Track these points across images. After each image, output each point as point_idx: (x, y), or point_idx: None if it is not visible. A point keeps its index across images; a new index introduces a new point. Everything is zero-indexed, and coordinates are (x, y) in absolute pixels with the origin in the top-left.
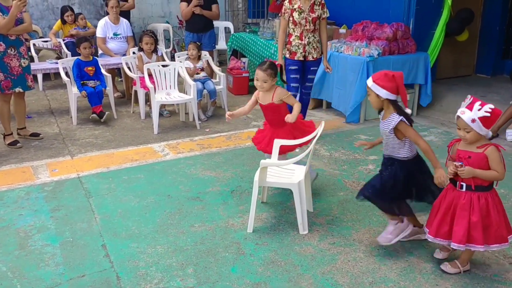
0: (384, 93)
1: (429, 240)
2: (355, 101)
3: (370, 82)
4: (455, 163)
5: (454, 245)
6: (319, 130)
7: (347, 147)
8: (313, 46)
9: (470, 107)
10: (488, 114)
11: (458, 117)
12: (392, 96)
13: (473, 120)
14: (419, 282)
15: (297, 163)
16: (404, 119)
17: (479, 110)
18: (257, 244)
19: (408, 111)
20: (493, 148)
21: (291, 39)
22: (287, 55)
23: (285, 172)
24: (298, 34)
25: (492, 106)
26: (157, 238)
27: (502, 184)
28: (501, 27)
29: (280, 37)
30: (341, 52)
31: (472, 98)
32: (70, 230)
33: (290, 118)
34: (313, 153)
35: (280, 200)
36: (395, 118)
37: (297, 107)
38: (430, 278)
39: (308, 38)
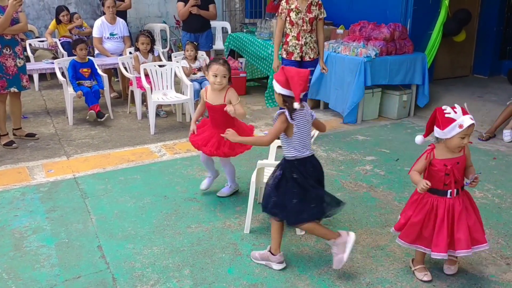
0: (277, 88)
1: (438, 258)
2: (352, 102)
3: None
4: (475, 175)
5: (462, 253)
6: (315, 132)
7: (344, 147)
8: (310, 47)
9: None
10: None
11: (472, 124)
12: (283, 91)
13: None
14: (416, 283)
15: None
16: (286, 113)
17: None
18: (254, 245)
19: (296, 105)
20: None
21: (288, 39)
22: (284, 55)
23: None
24: (295, 35)
25: None
26: (154, 239)
27: (499, 185)
28: (498, 27)
29: (277, 37)
30: (338, 53)
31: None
32: (65, 231)
33: (237, 109)
34: None
35: None
36: (279, 111)
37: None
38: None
39: (305, 39)
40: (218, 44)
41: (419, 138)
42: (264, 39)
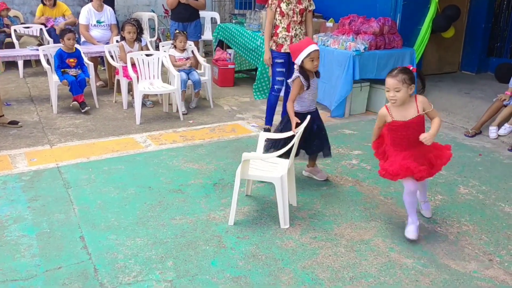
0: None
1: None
2: (340, 96)
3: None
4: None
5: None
6: (303, 125)
7: (331, 141)
8: (300, 39)
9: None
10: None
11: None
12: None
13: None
14: (399, 278)
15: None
16: (301, 77)
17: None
18: (238, 237)
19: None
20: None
21: (277, 31)
22: (273, 47)
23: (269, 166)
24: (285, 26)
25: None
26: (137, 230)
27: (484, 181)
28: (487, 24)
29: (267, 28)
30: (327, 46)
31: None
32: (47, 221)
33: (428, 137)
34: (297, 146)
35: (264, 193)
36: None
37: (438, 122)
38: (411, 273)
39: (295, 30)
40: (207, 35)
41: None
42: (253, 30)
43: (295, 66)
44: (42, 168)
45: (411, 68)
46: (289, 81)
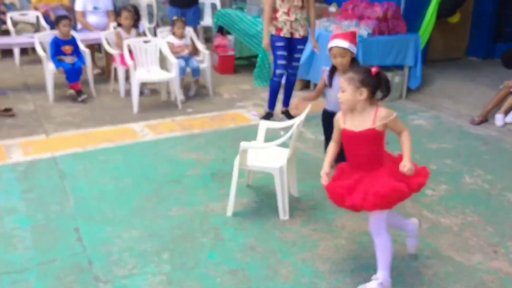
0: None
1: None
2: None
3: (346, 43)
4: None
5: None
6: (303, 114)
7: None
8: (300, 24)
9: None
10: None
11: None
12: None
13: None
14: (401, 270)
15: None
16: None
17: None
18: (237, 229)
19: None
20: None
21: (277, 15)
22: (273, 32)
23: (269, 156)
24: (286, 10)
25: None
26: (133, 222)
27: (490, 171)
28: (494, 9)
29: (267, 13)
30: (330, 31)
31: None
32: (42, 213)
33: (408, 165)
34: (297, 136)
35: (264, 183)
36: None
37: (408, 139)
38: (413, 266)
39: (296, 15)
40: (207, 20)
41: None
42: (253, 16)
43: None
44: (38, 159)
45: (373, 69)
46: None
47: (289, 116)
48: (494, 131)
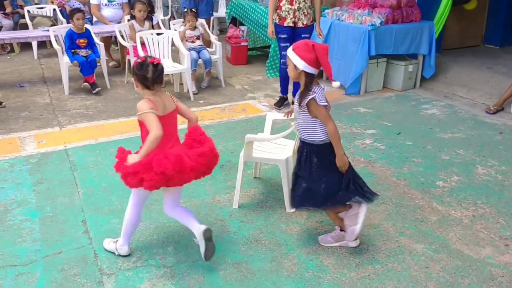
0: (301, 64)
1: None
2: (355, 72)
3: (289, 50)
4: None
5: None
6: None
7: (344, 120)
8: (304, 12)
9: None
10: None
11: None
12: (309, 69)
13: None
14: (408, 264)
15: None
16: (316, 98)
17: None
18: (242, 221)
19: (335, 84)
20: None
21: (281, 4)
22: (277, 21)
23: (276, 147)
24: None
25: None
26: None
27: (504, 161)
28: None
29: (271, 2)
30: (342, 21)
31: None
32: (51, 205)
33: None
34: None
35: (271, 175)
36: (309, 94)
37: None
38: (420, 260)
39: (299, 3)
40: (221, 11)
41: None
42: (266, 6)
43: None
44: (50, 151)
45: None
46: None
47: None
48: (510, 120)
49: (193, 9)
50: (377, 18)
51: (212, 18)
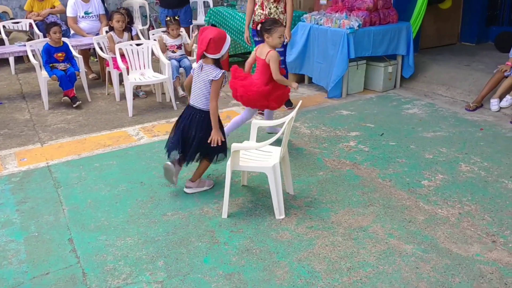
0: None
1: None
2: (336, 76)
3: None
4: None
5: None
6: (294, 110)
7: (328, 123)
8: (275, 17)
9: None
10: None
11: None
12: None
13: None
14: (398, 266)
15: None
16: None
17: None
18: (232, 231)
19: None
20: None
21: (255, 9)
22: (252, 25)
23: (262, 155)
24: (260, 4)
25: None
26: (127, 229)
27: (486, 157)
28: None
29: (248, 7)
30: (321, 25)
31: None
32: (35, 224)
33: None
34: (289, 133)
35: (259, 182)
36: (218, 72)
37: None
38: (410, 261)
39: (269, 9)
40: (200, 19)
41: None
42: (245, 12)
43: (210, 62)
44: (32, 168)
45: None
46: (214, 78)
47: (290, 104)
48: (489, 117)
49: (176, 17)
50: (355, 21)
51: (191, 26)
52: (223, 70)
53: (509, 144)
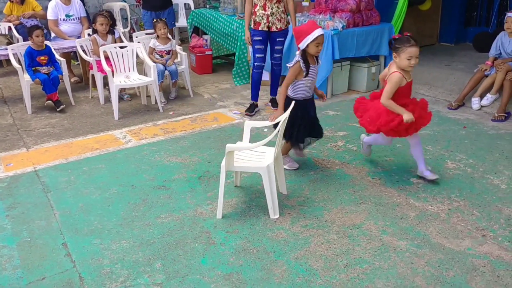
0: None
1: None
2: (321, 77)
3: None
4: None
5: None
6: (287, 111)
7: None
8: (277, 17)
9: None
10: None
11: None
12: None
13: None
14: (394, 261)
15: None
16: (302, 61)
17: None
18: (228, 232)
19: None
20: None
21: (255, 10)
22: (252, 26)
23: (256, 155)
24: (262, 5)
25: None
26: (122, 232)
27: (471, 154)
28: None
29: (247, 8)
30: None
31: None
32: (27, 229)
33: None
34: (282, 134)
35: (252, 183)
36: (295, 60)
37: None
38: (405, 256)
39: (272, 9)
40: (182, 21)
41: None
42: (228, 14)
43: (298, 51)
44: (20, 173)
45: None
46: (288, 65)
47: (276, 105)
48: (471, 115)
49: (163, 18)
50: (339, 23)
51: (174, 28)
52: (299, 59)
53: (491, 141)
